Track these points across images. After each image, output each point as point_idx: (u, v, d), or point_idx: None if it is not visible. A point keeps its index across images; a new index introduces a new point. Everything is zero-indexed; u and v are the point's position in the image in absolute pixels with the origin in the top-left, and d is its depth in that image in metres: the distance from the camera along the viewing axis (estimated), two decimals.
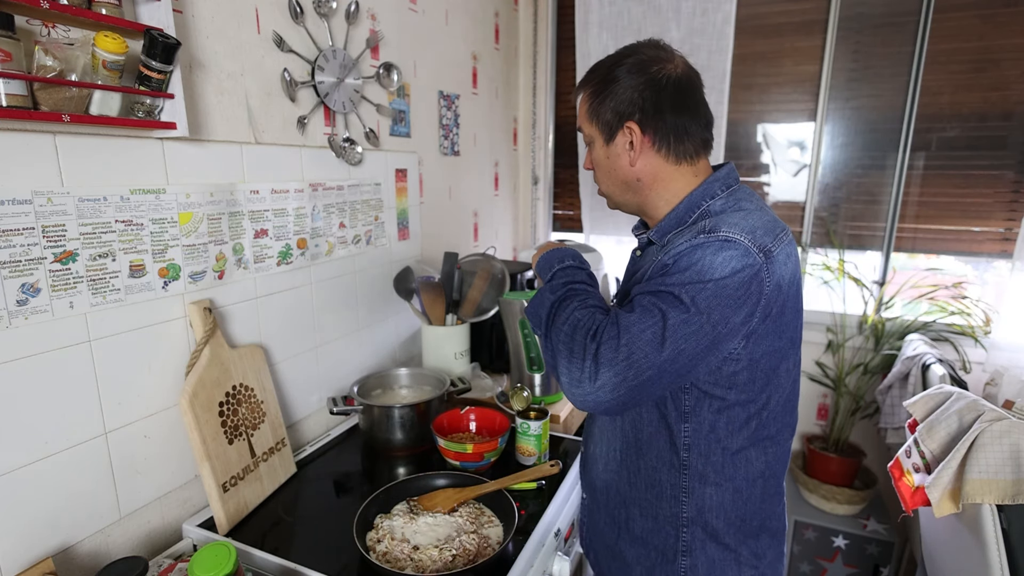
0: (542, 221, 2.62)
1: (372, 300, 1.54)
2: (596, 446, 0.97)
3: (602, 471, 0.95)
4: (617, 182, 0.89)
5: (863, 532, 1.91)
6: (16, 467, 0.81)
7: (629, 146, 0.84)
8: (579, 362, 0.73)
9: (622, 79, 0.83)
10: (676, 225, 0.85)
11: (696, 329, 0.71)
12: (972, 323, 1.90)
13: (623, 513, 0.92)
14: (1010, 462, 1.15)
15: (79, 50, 0.79)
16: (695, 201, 0.84)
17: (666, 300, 0.72)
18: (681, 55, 0.86)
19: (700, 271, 0.72)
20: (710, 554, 0.86)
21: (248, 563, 0.94)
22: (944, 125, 1.91)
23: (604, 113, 0.85)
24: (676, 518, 0.86)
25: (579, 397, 0.73)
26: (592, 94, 0.86)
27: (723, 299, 0.72)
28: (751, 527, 0.87)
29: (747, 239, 0.74)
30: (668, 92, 0.82)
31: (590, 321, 0.76)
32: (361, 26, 1.42)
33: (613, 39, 2.20)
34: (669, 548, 0.88)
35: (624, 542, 0.92)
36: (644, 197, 0.88)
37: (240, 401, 1.08)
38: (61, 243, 0.83)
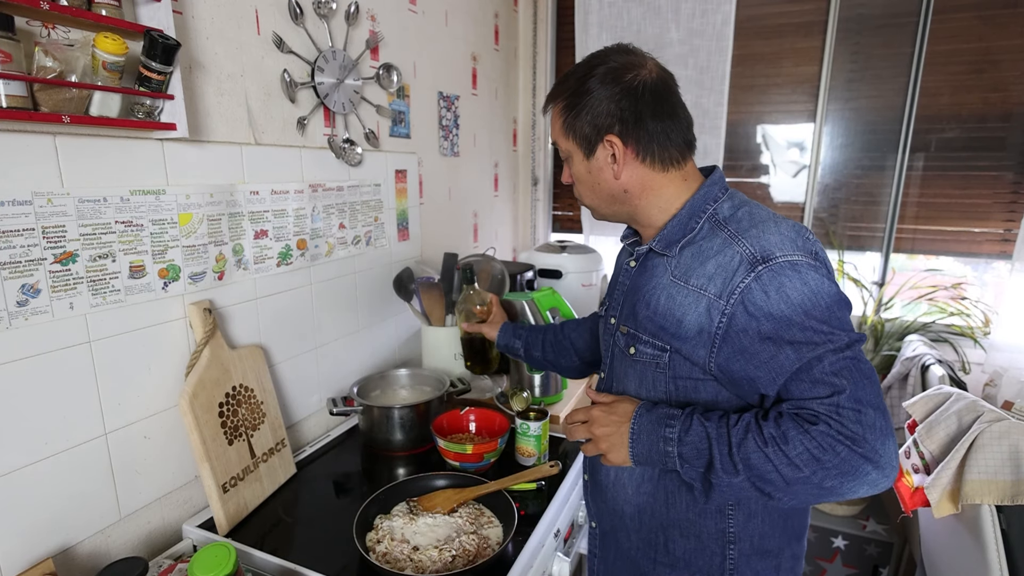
0: (542, 222, 2.62)
1: (372, 301, 1.55)
2: (620, 472, 0.89)
3: (633, 495, 0.88)
4: (603, 195, 0.85)
5: (862, 533, 1.91)
6: (16, 468, 0.81)
7: (611, 159, 0.81)
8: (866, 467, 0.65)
9: (596, 90, 0.78)
10: (683, 233, 0.80)
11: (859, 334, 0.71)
12: (971, 324, 1.90)
13: (660, 536, 0.86)
14: (1009, 463, 1.15)
15: (79, 51, 0.79)
16: (698, 207, 0.81)
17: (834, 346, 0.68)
18: (652, 58, 0.81)
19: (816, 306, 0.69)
20: (754, 567, 0.83)
21: (248, 564, 0.94)
22: (943, 126, 1.91)
23: (581, 127, 0.81)
24: (723, 534, 0.82)
25: (886, 486, 0.67)
26: (565, 108, 0.82)
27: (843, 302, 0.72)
28: (793, 528, 0.85)
29: (801, 255, 0.72)
30: (646, 99, 0.78)
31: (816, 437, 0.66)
32: (361, 27, 1.42)
33: (613, 40, 2.17)
34: (715, 568, 0.83)
35: (663, 568, 0.87)
36: (634, 207, 0.84)
37: (240, 402, 1.08)
38: (61, 244, 0.83)
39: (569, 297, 2.02)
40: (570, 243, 2.16)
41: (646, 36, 2.16)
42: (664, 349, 0.79)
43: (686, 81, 2.13)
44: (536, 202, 2.60)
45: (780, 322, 0.69)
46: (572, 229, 2.63)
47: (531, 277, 1.95)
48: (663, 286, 0.80)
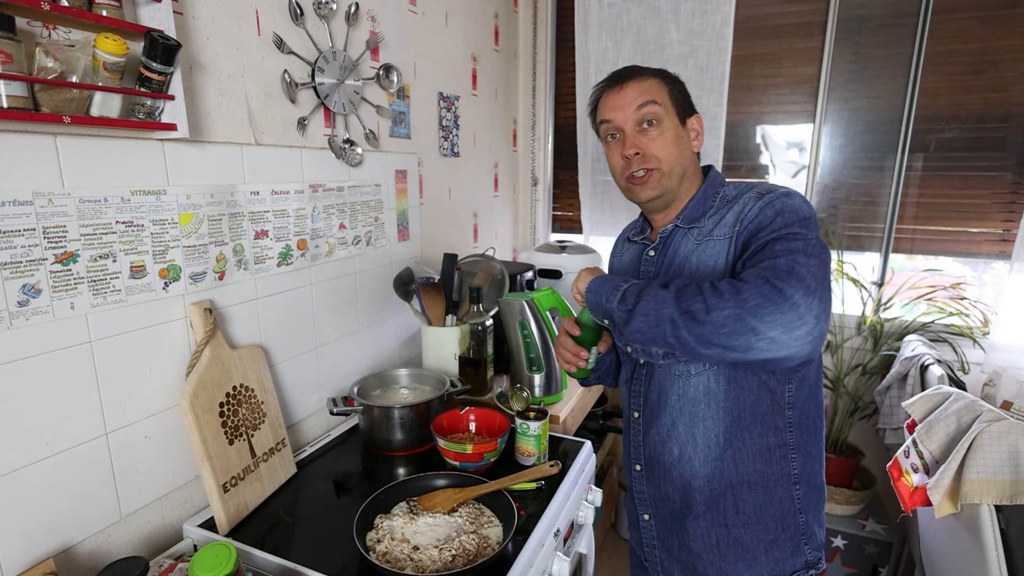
0: (542, 222, 2.63)
1: (372, 301, 1.55)
2: (684, 446, 0.94)
3: (700, 466, 0.93)
4: (684, 159, 0.95)
5: (862, 532, 1.92)
6: (17, 467, 0.81)
7: (695, 134, 0.97)
8: (783, 304, 0.70)
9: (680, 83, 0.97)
10: (701, 212, 0.95)
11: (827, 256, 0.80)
12: (970, 324, 1.91)
13: (729, 498, 0.93)
14: (1008, 462, 1.15)
15: (80, 51, 0.79)
16: (711, 190, 0.96)
17: (796, 236, 0.78)
18: None
19: (793, 210, 0.83)
20: (814, 500, 0.94)
21: (248, 563, 0.94)
22: (943, 126, 1.91)
23: (681, 100, 0.95)
24: (788, 477, 0.91)
25: (804, 339, 0.70)
26: (668, 80, 0.95)
27: (817, 229, 0.83)
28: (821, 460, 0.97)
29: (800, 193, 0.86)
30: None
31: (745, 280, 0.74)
32: (361, 28, 1.42)
33: (612, 41, 2.21)
34: (787, 511, 0.92)
35: (737, 528, 0.93)
36: (681, 186, 0.96)
37: (240, 402, 1.08)
38: (62, 244, 0.83)
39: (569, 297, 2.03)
40: (570, 243, 2.17)
41: (646, 36, 2.16)
42: None
43: (686, 81, 2.13)
44: (536, 202, 2.60)
45: (761, 221, 0.84)
46: (572, 229, 2.63)
47: (531, 277, 1.96)
48: (691, 250, 0.93)
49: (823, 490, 0.97)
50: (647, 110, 0.92)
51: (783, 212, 0.82)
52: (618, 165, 0.96)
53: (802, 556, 0.93)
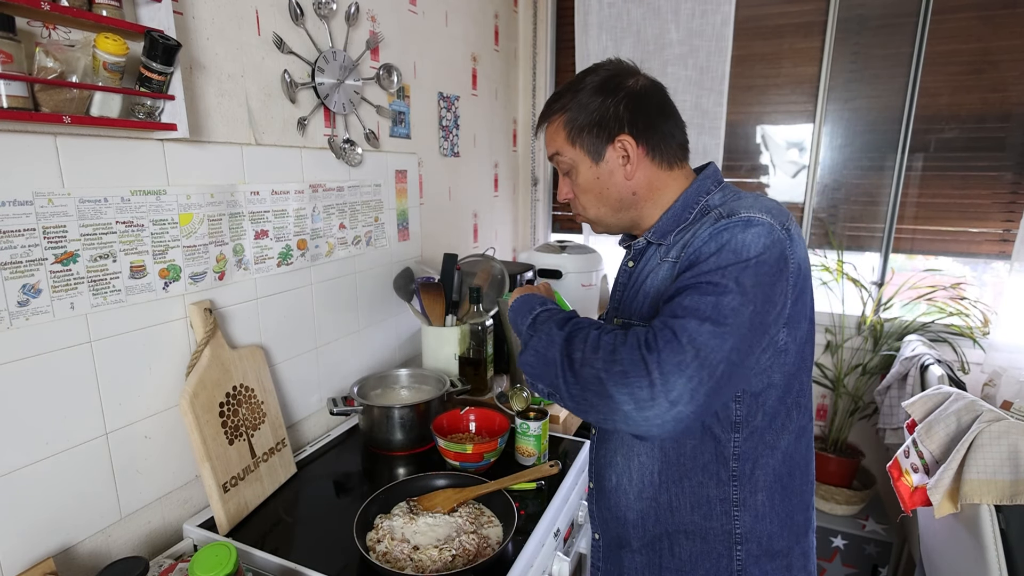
0: (541, 222, 2.63)
1: (372, 301, 1.55)
2: (620, 476, 0.89)
3: (635, 501, 0.87)
4: (611, 202, 0.85)
5: (862, 532, 1.92)
6: (17, 467, 0.81)
7: (623, 160, 0.82)
8: (641, 379, 0.62)
9: (599, 97, 0.80)
10: (676, 223, 0.83)
11: (749, 313, 0.66)
12: (970, 324, 1.91)
13: (665, 542, 0.85)
14: (1008, 462, 1.15)
15: (80, 51, 0.79)
16: (691, 198, 0.83)
17: (712, 289, 0.66)
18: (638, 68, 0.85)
19: (735, 251, 0.69)
20: (764, 568, 0.83)
21: (248, 563, 0.94)
22: (942, 126, 1.91)
23: (588, 133, 0.81)
24: (729, 535, 0.82)
25: (654, 421, 0.62)
26: (570, 118, 0.82)
27: (763, 277, 0.68)
28: (799, 525, 0.85)
29: (768, 217, 0.72)
30: (650, 100, 0.81)
31: (628, 337, 0.66)
32: (361, 28, 1.42)
33: (612, 41, 2.21)
34: (723, 569, 0.83)
35: (669, 573, 0.86)
36: (639, 211, 0.86)
37: (240, 402, 1.08)
38: (62, 244, 0.83)
39: (569, 297, 2.03)
40: (570, 243, 2.17)
41: (646, 36, 2.16)
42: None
43: (686, 81, 2.14)
44: (536, 202, 2.60)
45: (699, 254, 0.71)
46: (572, 229, 2.63)
47: (531, 277, 1.96)
48: (652, 268, 0.83)
49: (788, 556, 0.84)
50: (556, 163, 0.88)
51: (723, 249, 0.69)
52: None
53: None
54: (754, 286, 0.67)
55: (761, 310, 0.68)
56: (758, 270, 0.68)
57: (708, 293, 0.66)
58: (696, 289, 0.67)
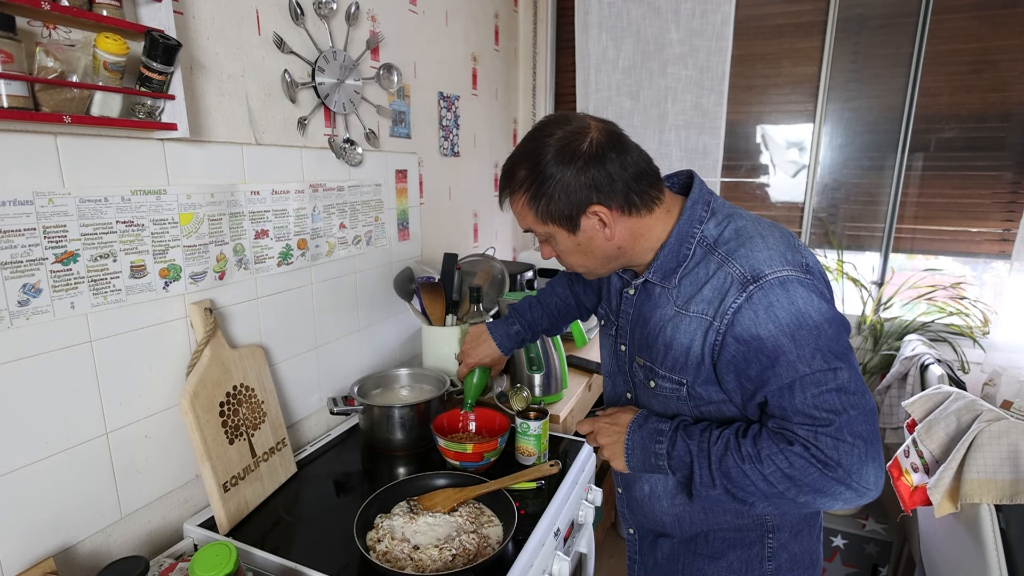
0: None
1: (372, 300, 1.55)
2: (654, 485, 0.93)
3: (669, 507, 0.92)
4: (598, 258, 0.84)
5: (862, 532, 1.92)
6: (17, 467, 0.81)
7: (600, 225, 0.79)
8: (839, 489, 0.69)
9: (558, 172, 0.76)
10: (677, 263, 0.81)
11: (856, 367, 0.73)
12: (970, 324, 1.91)
13: (701, 537, 0.91)
14: (1008, 462, 1.15)
15: (80, 51, 0.79)
16: (684, 233, 0.81)
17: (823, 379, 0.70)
18: (584, 114, 0.80)
19: (801, 325, 0.70)
20: (792, 551, 0.89)
21: (249, 563, 0.94)
22: (942, 126, 1.91)
23: (558, 210, 0.78)
24: (762, 527, 0.88)
25: (863, 504, 0.75)
26: (532, 199, 0.79)
27: (834, 332, 0.72)
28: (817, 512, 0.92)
29: (790, 269, 0.73)
30: (609, 159, 0.76)
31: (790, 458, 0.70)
32: (361, 27, 1.42)
33: (612, 40, 2.21)
34: (754, 556, 0.89)
35: (702, 560, 0.92)
36: (628, 257, 0.85)
37: (241, 401, 1.08)
38: (62, 244, 0.83)
39: None
40: None
41: (646, 36, 2.16)
42: (681, 383, 0.82)
43: (686, 81, 2.14)
44: None
45: (766, 342, 0.71)
46: None
47: (531, 277, 1.96)
48: (669, 317, 0.82)
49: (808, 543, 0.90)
50: (532, 234, 0.87)
51: (795, 331, 0.70)
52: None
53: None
54: (841, 348, 0.72)
55: (853, 358, 0.74)
56: (831, 329, 0.71)
57: (825, 383, 0.70)
58: (810, 383, 0.70)
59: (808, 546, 0.90)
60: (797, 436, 0.71)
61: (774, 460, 0.71)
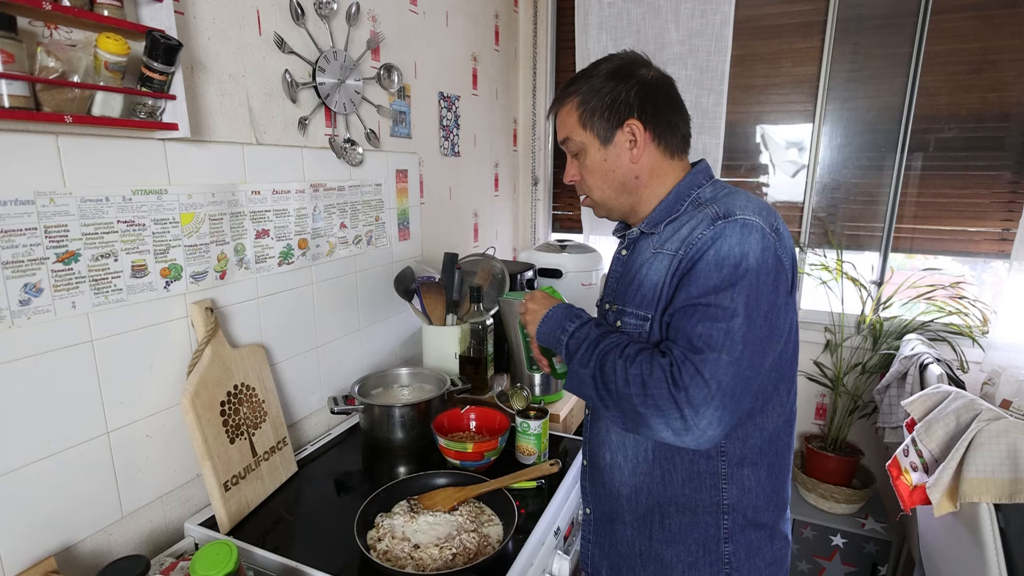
0: (542, 221, 2.63)
1: (373, 300, 1.55)
2: (615, 453, 0.94)
3: (629, 476, 0.93)
4: (615, 184, 0.90)
5: (861, 531, 1.92)
6: (19, 466, 0.81)
7: (630, 144, 0.87)
8: (674, 413, 0.71)
9: (611, 83, 0.85)
10: (668, 214, 0.87)
11: (759, 330, 0.73)
12: (970, 323, 1.91)
13: (656, 515, 0.91)
14: (1007, 461, 1.16)
15: (81, 51, 0.79)
16: (683, 191, 0.88)
17: (721, 315, 0.72)
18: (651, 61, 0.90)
19: (735, 263, 0.74)
20: (748, 536, 0.89)
21: (249, 562, 0.94)
22: (942, 126, 1.92)
23: (600, 116, 0.86)
24: (717, 506, 0.88)
25: (689, 443, 0.73)
26: (582, 102, 0.87)
27: (764, 288, 0.74)
28: (782, 500, 0.92)
29: (759, 219, 0.77)
30: (658, 91, 0.86)
31: (654, 368, 0.74)
32: (362, 27, 1.42)
33: (612, 40, 2.21)
34: (710, 538, 0.88)
35: (659, 544, 0.91)
36: (639, 196, 0.90)
37: (241, 400, 1.09)
38: (63, 243, 0.83)
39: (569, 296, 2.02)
40: (570, 242, 2.17)
41: (646, 36, 2.16)
42: (646, 318, 0.84)
43: (686, 81, 2.14)
44: (536, 202, 2.60)
45: (698, 264, 0.76)
46: (572, 229, 2.64)
47: (531, 276, 1.96)
48: (646, 259, 0.88)
49: (771, 528, 0.90)
50: (567, 146, 0.92)
51: (724, 263, 0.75)
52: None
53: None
54: (758, 300, 0.74)
55: (769, 321, 0.75)
56: (759, 281, 0.74)
57: (719, 319, 0.72)
58: (707, 314, 0.73)
59: (770, 532, 0.90)
60: (671, 352, 0.74)
61: (642, 365, 0.75)
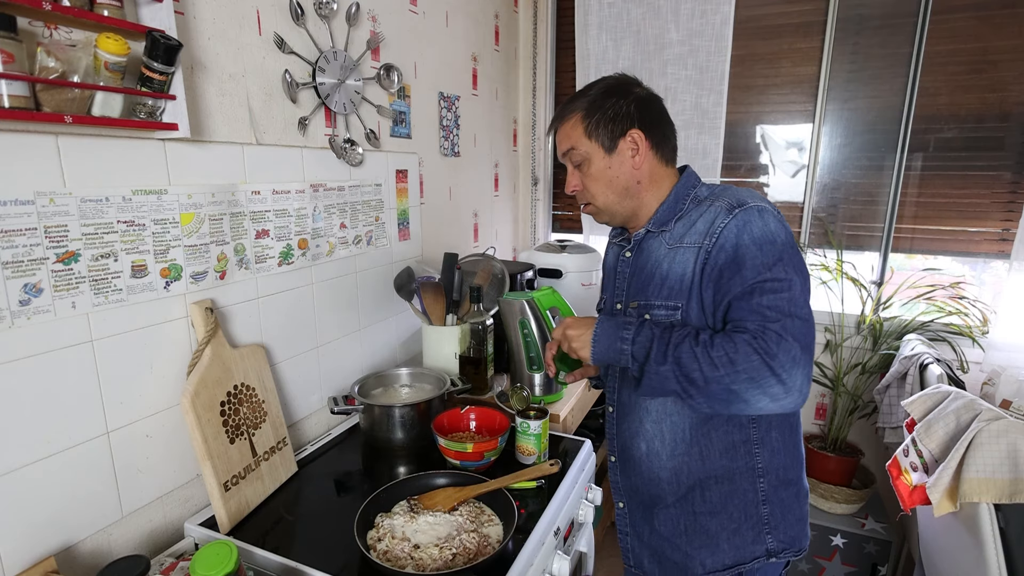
0: (542, 221, 2.63)
1: (373, 300, 1.55)
2: (651, 441, 0.99)
3: (667, 460, 0.98)
4: (618, 189, 0.97)
5: (861, 531, 1.92)
6: (19, 466, 0.81)
7: (632, 152, 0.96)
8: (771, 380, 0.76)
9: (612, 99, 0.95)
10: (673, 213, 0.97)
11: (808, 289, 0.84)
12: (970, 323, 1.91)
13: (697, 491, 0.97)
14: (1007, 461, 1.16)
15: (81, 51, 0.79)
16: (682, 192, 0.98)
17: (780, 286, 0.81)
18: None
19: (771, 242, 0.84)
20: (781, 495, 0.96)
21: (249, 562, 0.94)
22: (942, 126, 1.92)
23: (604, 127, 0.95)
24: (752, 471, 0.95)
25: (789, 405, 0.78)
26: (586, 115, 0.96)
27: (796, 256, 0.85)
28: (801, 455, 1.01)
29: (768, 205, 0.88)
30: (652, 106, 0.97)
31: (737, 345, 0.79)
32: (362, 27, 1.43)
33: (612, 40, 2.21)
34: (750, 502, 0.96)
35: (703, 517, 0.97)
36: (640, 200, 0.99)
37: (241, 401, 1.09)
38: (63, 243, 0.83)
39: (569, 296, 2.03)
40: (570, 243, 2.17)
41: (646, 36, 2.16)
42: (676, 307, 0.91)
43: (686, 81, 2.14)
44: (536, 202, 2.60)
45: (739, 249, 0.84)
46: (572, 229, 2.64)
47: (531, 276, 1.96)
48: (663, 255, 0.95)
49: (797, 484, 0.99)
50: (569, 157, 0.99)
51: (763, 244, 0.84)
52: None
53: (763, 544, 0.97)
54: (798, 268, 0.84)
55: (808, 283, 0.85)
56: (792, 252, 0.85)
57: (781, 291, 0.81)
58: (768, 288, 0.82)
59: (796, 489, 0.99)
60: (747, 328, 0.81)
61: (723, 346, 0.80)
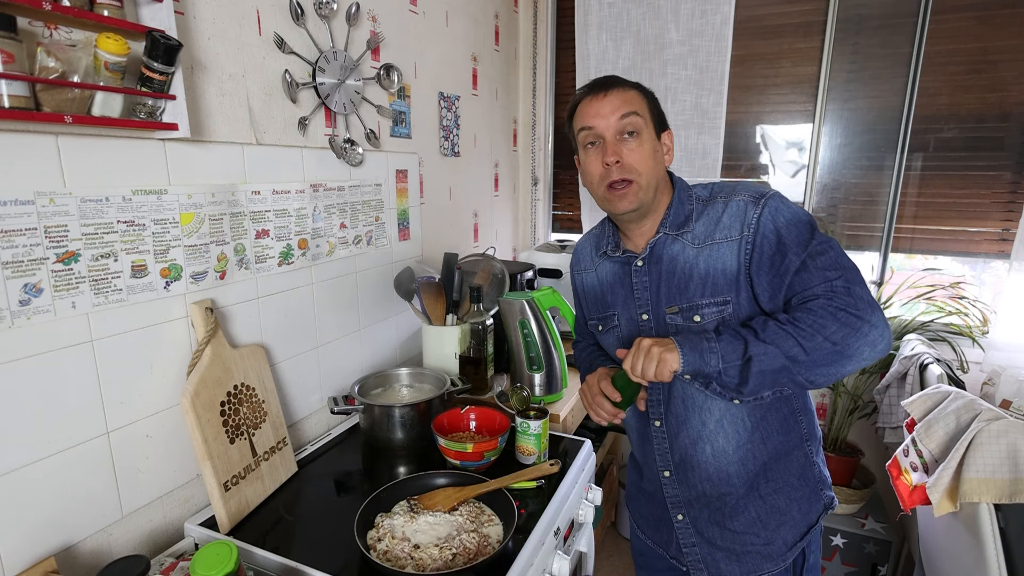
0: (542, 221, 2.63)
1: (373, 300, 1.55)
2: (715, 441, 0.99)
3: (734, 453, 0.99)
4: (651, 174, 0.95)
5: (861, 531, 1.92)
6: (19, 466, 0.81)
7: (666, 149, 0.99)
8: (865, 327, 0.81)
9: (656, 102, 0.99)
10: (685, 214, 0.98)
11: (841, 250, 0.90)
12: (970, 323, 1.91)
13: (761, 478, 1.00)
14: (1007, 461, 1.16)
15: (81, 51, 0.79)
16: (684, 195, 1.00)
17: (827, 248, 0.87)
18: None
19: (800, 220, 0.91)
20: (816, 448, 1.03)
21: (249, 562, 0.94)
22: (942, 126, 1.92)
23: (656, 114, 0.97)
24: (800, 438, 1.01)
25: (884, 346, 0.83)
26: (647, 95, 0.98)
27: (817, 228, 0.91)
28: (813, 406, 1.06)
29: (778, 192, 0.95)
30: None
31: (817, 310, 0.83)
32: (362, 27, 1.43)
33: (612, 41, 2.21)
34: (804, 467, 1.01)
35: (771, 496, 1.00)
36: (657, 198, 0.99)
37: (241, 401, 1.09)
38: (63, 243, 0.83)
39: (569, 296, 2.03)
40: (570, 243, 2.17)
41: (646, 36, 2.16)
42: (726, 301, 0.93)
43: (686, 81, 2.14)
44: (536, 202, 2.60)
45: (780, 234, 0.89)
46: (572, 229, 2.64)
47: (531, 276, 1.96)
48: (692, 255, 0.96)
49: (819, 440, 1.05)
50: (629, 121, 0.93)
51: (796, 223, 0.90)
52: (597, 172, 0.95)
53: (820, 501, 1.03)
54: (825, 234, 0.90)
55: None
56: (815, 222, 0.92)
57: (827, 252, 0.87)
58: (817, 252, 0.87)
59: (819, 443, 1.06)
60: (817, 294, 0.85)
61: (806, 316, 0.83)
